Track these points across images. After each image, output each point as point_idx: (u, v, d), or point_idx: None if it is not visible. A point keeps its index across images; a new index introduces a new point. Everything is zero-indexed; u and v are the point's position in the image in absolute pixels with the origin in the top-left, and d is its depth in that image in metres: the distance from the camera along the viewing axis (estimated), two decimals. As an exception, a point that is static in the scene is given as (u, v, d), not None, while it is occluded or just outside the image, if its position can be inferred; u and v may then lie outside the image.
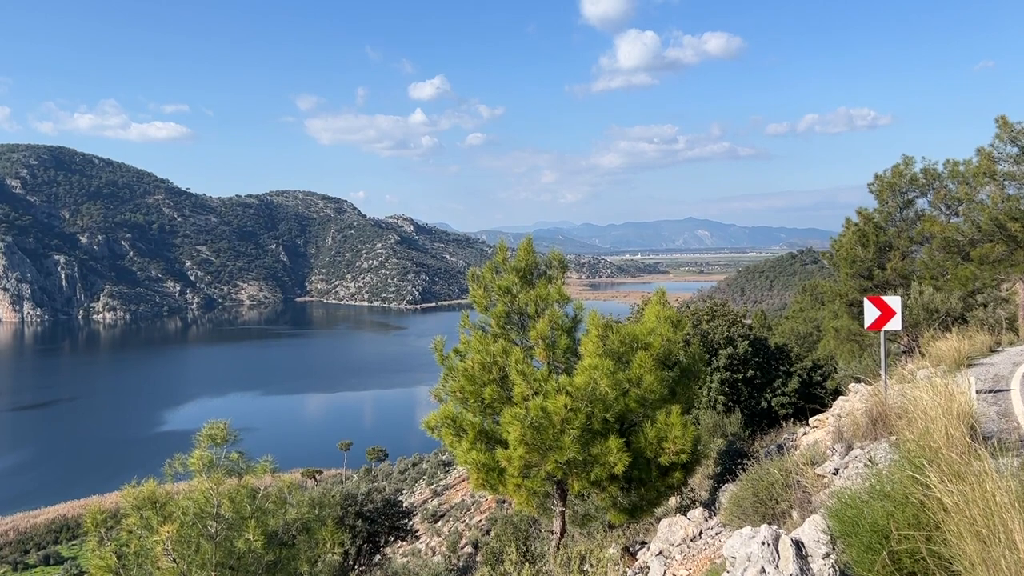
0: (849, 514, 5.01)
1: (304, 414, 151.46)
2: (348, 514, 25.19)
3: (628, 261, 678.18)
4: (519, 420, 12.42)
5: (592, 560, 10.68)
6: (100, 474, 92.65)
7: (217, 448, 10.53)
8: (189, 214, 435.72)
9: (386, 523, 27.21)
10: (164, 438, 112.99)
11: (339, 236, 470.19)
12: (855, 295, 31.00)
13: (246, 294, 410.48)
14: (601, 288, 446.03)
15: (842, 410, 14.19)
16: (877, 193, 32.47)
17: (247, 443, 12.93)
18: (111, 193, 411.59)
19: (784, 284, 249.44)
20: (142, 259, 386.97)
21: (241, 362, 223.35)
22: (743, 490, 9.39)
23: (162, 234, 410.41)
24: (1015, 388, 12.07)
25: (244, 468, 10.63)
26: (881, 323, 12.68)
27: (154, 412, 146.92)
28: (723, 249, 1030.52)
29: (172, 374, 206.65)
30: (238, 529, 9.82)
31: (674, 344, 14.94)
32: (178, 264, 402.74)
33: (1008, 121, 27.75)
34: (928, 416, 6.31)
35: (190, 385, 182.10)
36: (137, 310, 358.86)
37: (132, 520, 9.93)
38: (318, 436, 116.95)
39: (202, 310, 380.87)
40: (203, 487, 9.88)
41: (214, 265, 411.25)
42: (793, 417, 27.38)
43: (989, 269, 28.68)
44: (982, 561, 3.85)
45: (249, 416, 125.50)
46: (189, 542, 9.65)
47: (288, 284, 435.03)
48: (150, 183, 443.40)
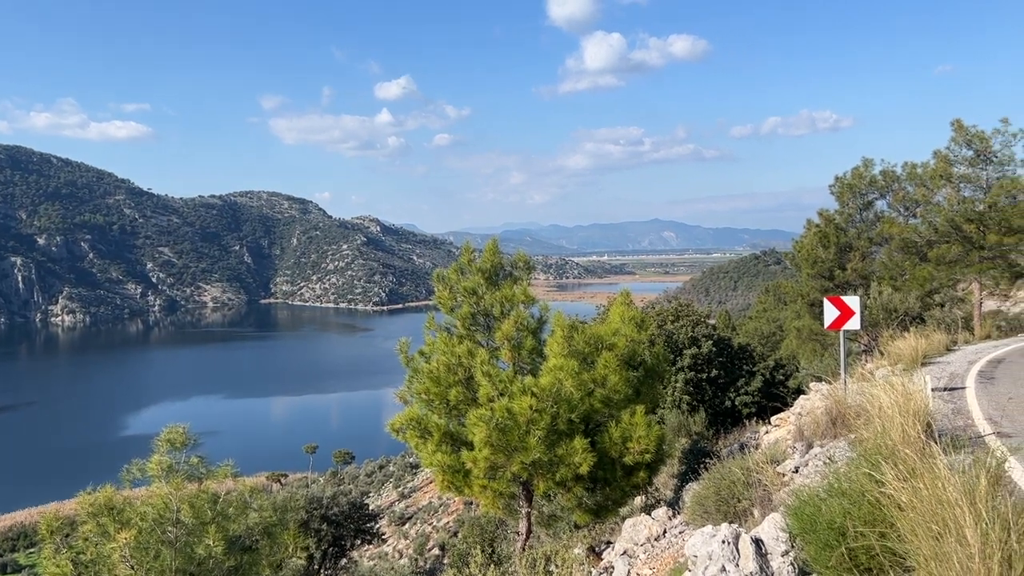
0: (807, 512, 5.07)
1: (269, 417, 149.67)
2: (313, 518, 24.96)
3: (595, 262, 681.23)
4: (484, 421, 12.40)
5: (557, 561, 10.71)
6: (58, 480, 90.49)
7: (176, 452, 10.36)
8: (151, 215, 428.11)
9: (352, 526, 27.01)
10: (124, 443, 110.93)
11: (304, 237, 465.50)
12: (816, 295, 31.47)
13: (209, 296, 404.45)
14: (568, 289, 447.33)
15: (803, 409, 14.39)
16: (838, 195, 33.01)
17: (210, 447, 12.75)
18: (70, 193, 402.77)
19: (748, 285, 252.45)
20: (102, 261, 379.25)
21: (204, 365, 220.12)
22: (706, 489, 9.47)
23: (123, 235, 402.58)
24: (970, 386, 12.33)
25: (204, 473, 10.47)
26: (841, 323, 12.88)
27: (114, 417, 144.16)
28: (688, 250, 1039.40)
29: (133, 378, 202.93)
30: (198, 535, 9.67)
31: (639, 344, 15.04)
32: (139, 266, 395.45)
33: (963, 125, 28.37)
34: (885, 414, 6.42)
35: (151, 389, 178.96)
36: (97, 312, 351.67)
37: (88, 527, 9.73)
38: (283, 439, 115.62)
39: (164, 312, 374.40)
40: (162, 492, 9.71)
41: (176, 267, 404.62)
42: (756, 416, 27.73)
43: (946, 269, 29.31)
44: (935, 556, 3.92)
45: (212, 420, 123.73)
46: (148, 548, 9.47)
47: (252, 286, 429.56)
48: (110, 183, 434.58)
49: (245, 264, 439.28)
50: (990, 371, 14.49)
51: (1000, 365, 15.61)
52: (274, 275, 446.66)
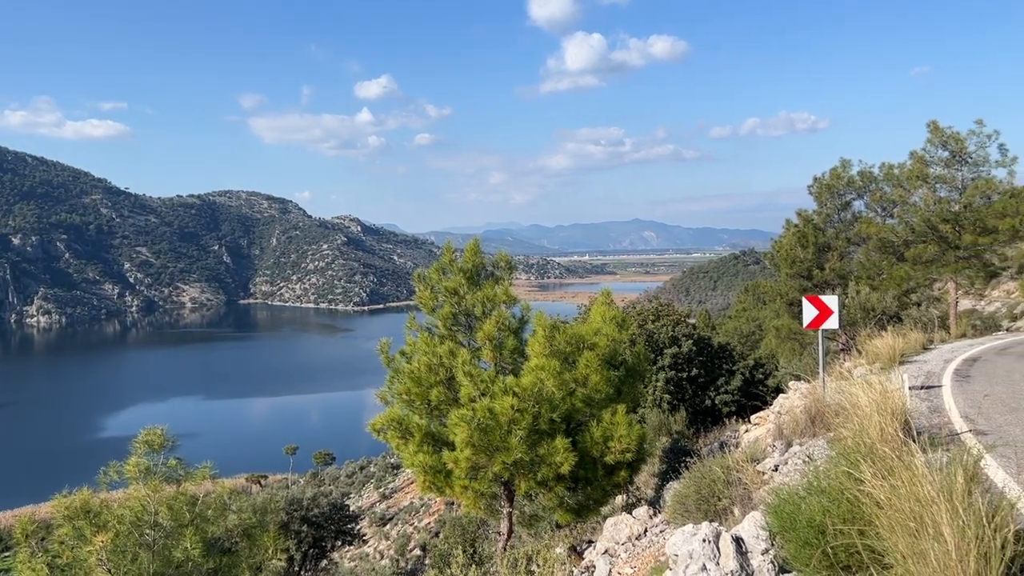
0: (787, 510, 5.10)
1: (249, 418, 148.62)
2: (293, 519, 24.82)
3: (576, 262, 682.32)
4: (466, 422, 12.38)
5: (539, 560, 10.71)
6: (34, 483, 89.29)
7: (154, 454, 10.25)
8: (128, 215, 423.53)
9: (332, 528, 26.89)
10: (101, 445, 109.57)
11: (284, 237, 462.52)
12: (795, 295, 31.68)
13: (188, 296, 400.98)
14: (550, 289, 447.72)
15: (782, 408, 14.50)
16: (816, 195, 33.23)
17: (188, 449, 12.64)
18: (45, 193, 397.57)
19: (727, 284, 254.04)
20: (79, 261, 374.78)
21: (183, 366, 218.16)
22: (686, 488, 9.50)
23: (100, 235, 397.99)
24: (946, 384, 12.47)
25: (183, 474, 10.37)
26: (819, 322, 12.98)
27: (91, 418, 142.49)
28: (668, 250, 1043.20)
29: (110, 379, 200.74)
30: (176, 537, 9.57)
31: (620, 344, 15.09)
32: (117, 266, 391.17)
33: (939, 126, 28.69)
34: (863, 413, 6.47)
35: (129, 390, 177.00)
36: (73, 313, 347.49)
37: (64, 530, 9.60)
38: (263, 441, 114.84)
39: (142, 313, 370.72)
40: (139, 495, 9.61)
41: (154, 267, 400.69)
42: (736, 414, 27.91)
43: (922, 269, 29.63)
44: (912, 553, 3.95)
45: (191, 421, 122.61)
46: (125, 552, 9.36)
47: (231, 286, 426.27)
48: (87, 183, 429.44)
49: (224, 264, 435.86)
50: (966, 369, 14.67)
51: (975, 363, 15.81)
52: (253, 275, 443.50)
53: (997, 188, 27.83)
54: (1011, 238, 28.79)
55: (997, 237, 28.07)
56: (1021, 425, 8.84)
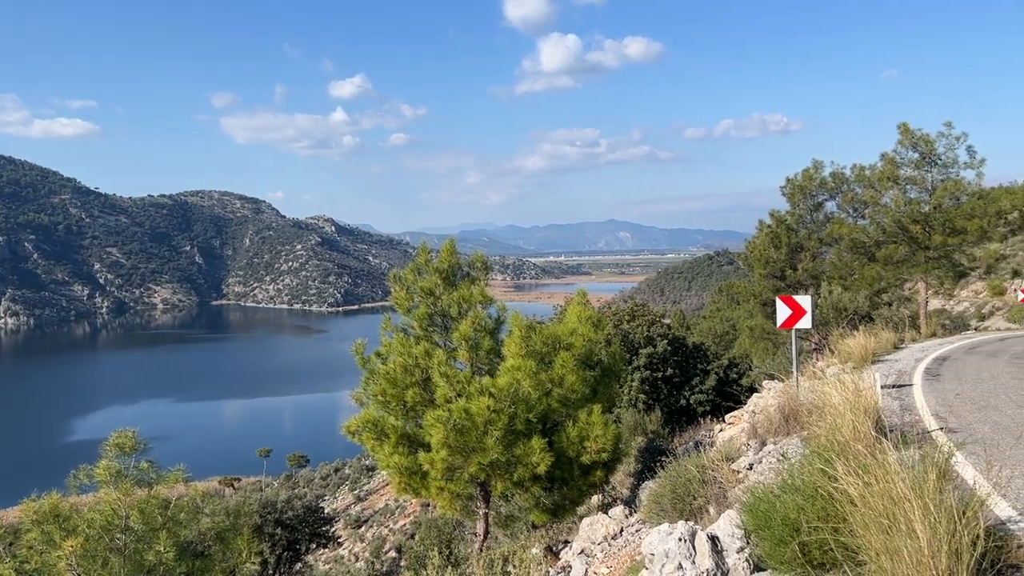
0: (762, 508, 5.13)
1: (221, 421, 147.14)
2: (267, 522, 24.59)
3: (552, 263, 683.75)
4: (442, 423, 12.34)
5: (515, 561, 10.69)
6: (2, 487, 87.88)
7: (125, 457, 10.09)
8: (98, 214, 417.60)
9: (307, 530, 26.67)
10: (71, 449, 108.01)
11: (257, 237, 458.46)
12: (768, 295, 31.97)
13: (159, 297, 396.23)
14: (526, 289, 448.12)
15: (756, 407, 14.62)
16: (789, 196, 33.56)
17: (160, 452, 12.46)
18: (12, 192, 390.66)
19: (702, 284, 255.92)
20: (47, 261, 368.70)
21: (154, 368, 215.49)
22: (662, 487, 9.54)
23: (69, 235, 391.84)
24: (917, 383, 12.65)
25: (155, 478, 10.21)
26: (793, 322, 13.10)
27: (61, 422, 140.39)
28: (643, 250, 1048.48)
29: (80, 381, 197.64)
30: (148, 541, 9.43)
31: (595, 344, 15.12)
32: (86, 267, 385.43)
33: (909, 128, 29.11)
34: (836, 411, 6.54)
35: (99, 393, 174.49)
36: (42, 315, 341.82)
37: (33, 535, 9.43)
38: (236, 443, 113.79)
39: (112, 314, 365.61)
40: (110, 499, 9.45)
41: (125, 267, 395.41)
42: (710, 414, 28.08)
43: (893, 269, 30.04)
44: (885, 550, 3.99)
45: (163, 424, 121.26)
46: (95, 556, 9.21)
47: (204, 287, 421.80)
48: (55, 182, 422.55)
49: (196, 265, 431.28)
50: (936, 368, 14.90)
51: (945, 362, 16.07)
52: (226, 276, 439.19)
53: (966, 189, 28.29)
54: (979, 239, 29.32)
55: (966, 238, 28.54)
56: (990, 423, 8.99)
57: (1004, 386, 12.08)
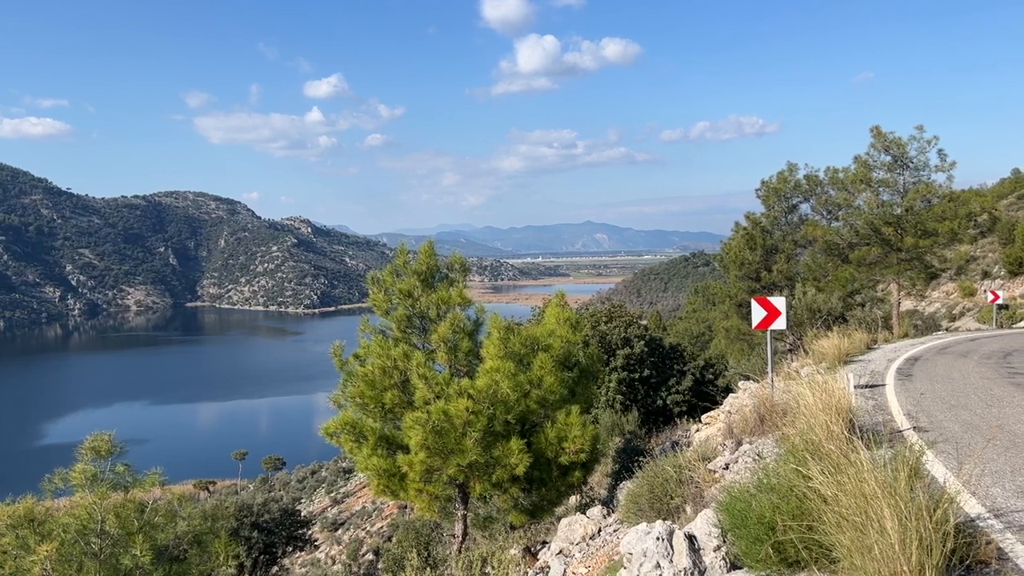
0: (738, 507, 5.20)
1: (196, 424, 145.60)
2: (243, 525, 24.44)
3: (530, 264, 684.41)
4: (421, 424, 12.34)
5: (494, 562, 10.73)
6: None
7: (101, 461, 10.00)
8: (70, 215, 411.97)
9: (283, 533, 26.53)
10: (45, 452, 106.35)
11: (232, 238, 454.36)
12: (744, 296, 32.27)
13: (133, 299, 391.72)
14: (503, 291, 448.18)
15: (732, 407, 14.77)
16: (764, 198, 33.89)
17: (135, 455, 12.35)
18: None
19: (678, 286, 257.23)
20: (17, 263, 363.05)
21: (128, 371, 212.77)
22: (639, 487, 9.62)
23: (40, 236, 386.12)
24: (889, 383, 12.84)
25: (130, 481, 10.13)
26: (768, 323, 13.25)
27: (33, 425, 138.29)
28: (620, 252, 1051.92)
29: (52, 385, 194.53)
30: (124, 545, 9.35)
31: (573, 345, 15.19)
32: (58, 268, 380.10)
33: (882, 131, 29.50)
34: (810, 412, 6.64)
35: (73, 396, 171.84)
36: (12, 317, 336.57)
37: (7, 540, 9.31)
38: (211, 446, 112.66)
39: (85, 316, 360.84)
40: (86, 502, 9.36)
41: (98, 269, 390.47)
42: (687, 414, 28.27)
43: (866, 271, 30.44)
44: (858, 547, 4.07)
45: (138, 427, 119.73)
46: (71, 561, 9.12)
47: (178, 288, 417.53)
48: (26, 182, 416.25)
49: (170, 266, 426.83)
50: (908, 368, 15.13)
51: (917, 363, 16.31)
52: (201, 277, 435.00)
53: (936, 192, 28.72)
54: (950, 241, 29.80)
55: (937, 240, 28.98)
56: (960, 422, 9.16)
57: (974, 386, 12.31)
